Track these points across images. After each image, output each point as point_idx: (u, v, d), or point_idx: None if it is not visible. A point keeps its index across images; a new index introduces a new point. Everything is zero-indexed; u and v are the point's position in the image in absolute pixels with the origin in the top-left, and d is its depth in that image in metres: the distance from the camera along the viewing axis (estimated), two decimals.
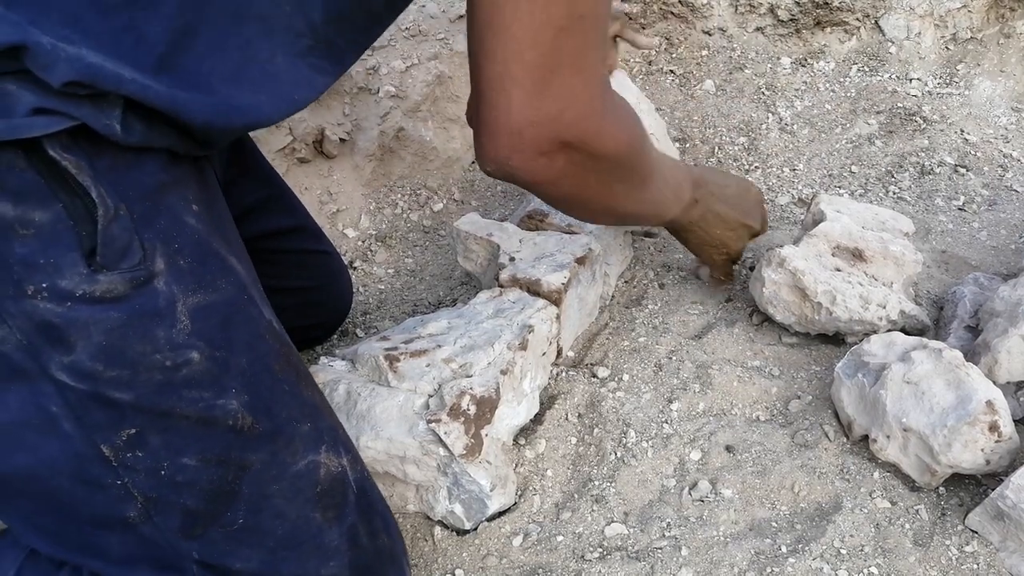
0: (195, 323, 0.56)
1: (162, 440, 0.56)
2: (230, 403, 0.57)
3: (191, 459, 0.57)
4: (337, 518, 0.64)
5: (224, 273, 0.59)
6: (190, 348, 0.55)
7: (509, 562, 0.75)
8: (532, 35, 0.55)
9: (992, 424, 0.72)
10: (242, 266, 0.62)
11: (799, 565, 0.71)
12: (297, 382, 0.63)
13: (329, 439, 0.65)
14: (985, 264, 1.10)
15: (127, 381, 0.53)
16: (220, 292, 0.58)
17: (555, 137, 0.60)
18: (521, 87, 0.57)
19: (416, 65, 1.34)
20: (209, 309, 0.57)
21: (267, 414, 0.60)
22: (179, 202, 0.56)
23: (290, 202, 0.95)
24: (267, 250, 0.91)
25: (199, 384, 0.56)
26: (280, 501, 0.61)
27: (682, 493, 0.80)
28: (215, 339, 0.57)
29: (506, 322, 0.85)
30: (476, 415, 0.75)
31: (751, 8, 1.55)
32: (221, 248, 0.59)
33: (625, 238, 1.09)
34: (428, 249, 1.25)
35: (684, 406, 0.88)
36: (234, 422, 0.58)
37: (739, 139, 1.40)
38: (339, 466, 0.65)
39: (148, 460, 0.55)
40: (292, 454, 0.61)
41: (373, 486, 0.70)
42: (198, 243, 0.57)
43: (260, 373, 0.60)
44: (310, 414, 0.64)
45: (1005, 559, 0.71)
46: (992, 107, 1.47)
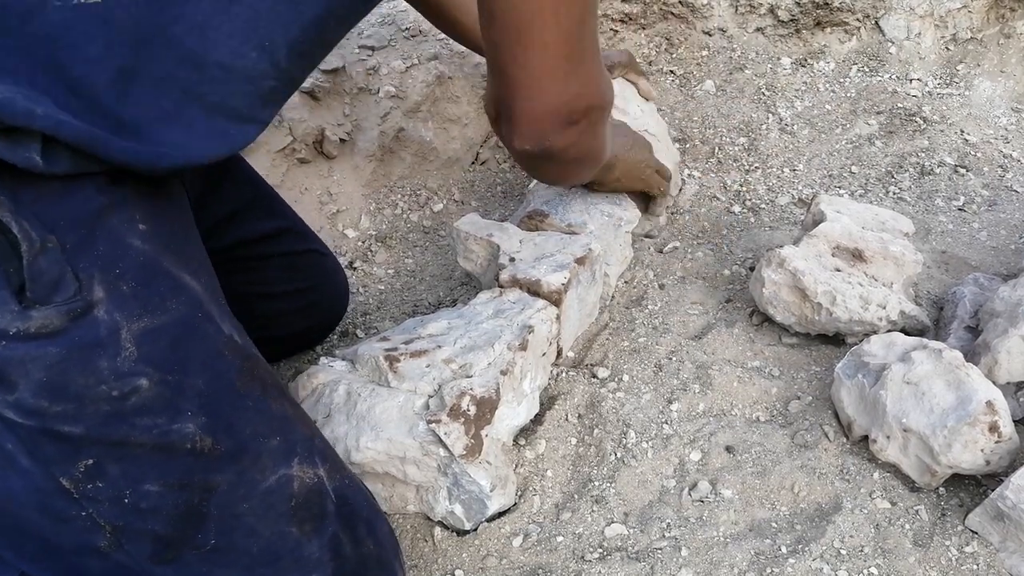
0: (142, 348, 0.54)
1: (120, 469, 0.55)
2: (186, 427, 0.56)
3: (153, 485, 0.56)
4: (316, 530, 0.63)
5: (174, 292, 0.57)
6: (137, 375, 0.54)
7: (509, 563, 0.75)
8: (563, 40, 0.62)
9: (992, 424, 0.72)
10: (199, 282, 0.61)
11: (799, 566, 0.71)
12: (263, 396, 0.62)
13: (302, 451, 0.64)
14: (985, 264, 1.10)
15: (74, 415, 0.52)
16: (170, 313, 0.57)
17: (583, 107, 0.68)
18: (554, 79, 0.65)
19: (416, 65, 1.34)
20: (158, 332, 0.56)
21: (229, 433, 0.59)
22: (122, 224, 0.55)
23: (275, 205, 0.94)
24: (255, 256, 0.91)
25: (151, 411, 0.55)
26: (252, 519, 0.60)
27: (682, 494, 0.80)
28: (166, 362, 0.56)
29: (506, 322, 0.85)
30: (476, 415, 0.75)
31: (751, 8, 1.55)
32: (173, 266, 0.58)
33: (625, 238, 1.09)
34: (428, 250, 1.25)
35: (684, 406, 0.88)
36: (192, 445, 0.57)
37: (739, 139, 1.40)
38: (314, 477, 0.64)
39: (109, 490, 0.55)
40: (261, 471, 0.60)
41: (358, 492, 0.69)
42: (143, 265, 0.56)
43: (219, 392, 0.59)
44: (279, 428, 0.63)
45: (1005, 559, 0.71)
46: (992, 107, 1.47)
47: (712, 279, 1.10)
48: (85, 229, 0.53)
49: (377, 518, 0.70)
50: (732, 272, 1.10)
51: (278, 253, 0.93)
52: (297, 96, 1.20)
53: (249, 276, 0.91)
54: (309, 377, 0.83)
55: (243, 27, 0.55)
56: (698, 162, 1.36)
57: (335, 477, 0.66)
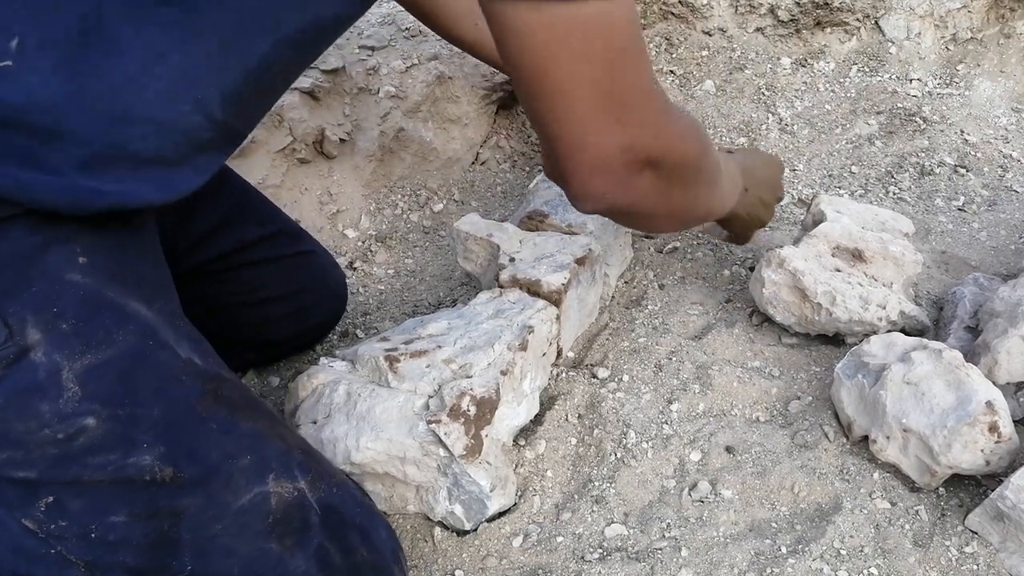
0: (87, 387, 0.53)
1: (82, 505, 0.54)
2: (143, 459, 0.55)
3: (119, 517, 0.55)
4: (299, 544, 0.62)
5: (121, 323, 0.56)
6: (83, 415, 0.53)
7: (509, 563, 0.75)
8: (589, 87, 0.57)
9: (992, 425, 0.72)
10: (151, 308, 0.59)
11: (799, 566, 0.71)
12: (230, 416, 0.61)
13: (279, 466, 0.63)
14: (985, 264, 1.10)
15: (22, 461, 0.52)
16: (116, 346, 0.55)
17: (638, 159, 0.62)
18: (596, 132, 0.59)
19: (416, 65, 1.34)
20: (104, 367, 0.54)
21: (192, 459, 0.58)
22: (59, 260, 0.54)
23: (260, 209, 0.93)
24: (245, 263, 0.90)
25: (102, 448, 0.54)
26: (228, 540, 0.59)
27: (682, 494, 0.80)
28: (115, 397, 0.55)
29: (506, 323, 0.85)
30: (476, 416, 0.75)
31: (751, 8, 1.55)
32: (119, 296, 0.57)
33: (625, 239, 1.09)
34: (428, 250, 1.25)
35: (684, 407, 0.88)
36: (152, 477, 0.56)
37: (739, 139, 1.40)
38: (294, 491, 0.63)
39: (74, 526, 0.54)
40: (233, 491, 0.59)
41: (348, 500, 0.67)
42: (84, 300, 0.55)
43: (178, 419, 0.58)
44: (250, 446, 0.61)
45: (1005, 560, 0.71)
46: (992, 107, 1.47)
47: (712, 279, 1.10)
48: (14, 272, 0.52)
49: (372, 523, 0.69)
50: (732, 272, 1.10)
51: (268, 258, 0.92)
52: (297, 96, 1.20)
53: (241, 284, 0.90)
54: (309, 377, 0.83)
55: (172, 83, 0.54)
56: None
57: (319, 487, 0.65)
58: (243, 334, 0.95)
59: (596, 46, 0.56)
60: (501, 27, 0.56)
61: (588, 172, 0.62)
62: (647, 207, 0.68)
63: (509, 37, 0.56)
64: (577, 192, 0.64)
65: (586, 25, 0.55)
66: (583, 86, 0.57)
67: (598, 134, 0.60)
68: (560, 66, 0.56)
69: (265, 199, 0.96)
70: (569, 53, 0.56)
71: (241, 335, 0.95)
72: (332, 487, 0.67)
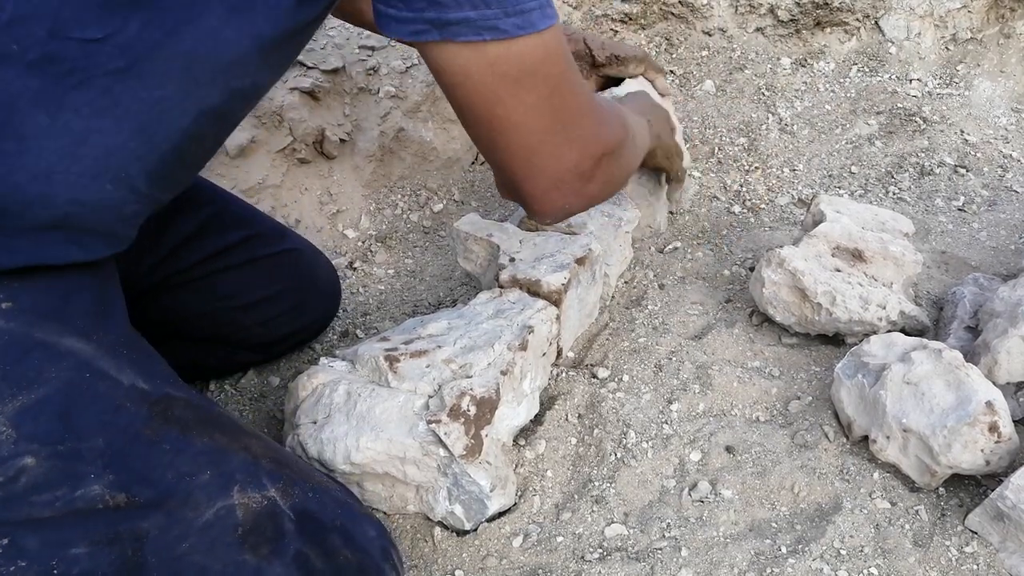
0: (22, 428, 0.53)
1: (38, 542, 0.53)
2: (91, 489, 0.55)
3: (79, 548, 0.54)
4: (275, 552, 0.61)
5: (52, 360, 0.56)
6: (20, 456, 0.53)
7: (509, 563, 0.75)
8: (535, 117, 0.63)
9: (992, 425, 0.72)
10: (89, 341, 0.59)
11: (799, 566, 0.71)
12: (183, 435, 0.61)
13: (244, 477, 0.62)
14: (985, 265, 1.10)
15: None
16: (49, 384, 0.55)
17: (587, 168, 0.69)
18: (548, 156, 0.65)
19: (416, 65, 1.34)
20: (38, 407, 0.54)
21: (145, 482, 0.57)
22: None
23: (237, 213, 0.93)
24: (229, 266, 0.89)
25: (47, 486, 0.54)
26: (198, 556, 0.58)
27: (682, 494, 0.80)
28: (53, 433, 0.54)
29: (506, 323, 0.85)
30: (476, 416, 0.75)
31: (751, 8, 1.55)
32: (50, 335, 0.57)
33: (625, 239, 1.09)
34: (428, 250, 1.25)
35: (684, 407, 0.88)
36: (104, 505, 0.55)
37: (739, 139, 1.40)
38: (263, 499, 0.62)
39: (34, 565, 0.53)
40: (194, 508, 0.59)
41: (327, 503, 0.67)
42: (10, 344, 0.54)
43: (125, 446, 0.57)
44: (209, 461, 0.61)
45: (1005, 560, 0.71)
46: (992, 107, 1.47)
47: (712, 279, 1.10)
48: None
49: (356, 524, 0.68)
50: (732, 272, 1.10)
51: (251, 259, 0.92)
52: (297, 96, 1.20)
53: (221, 290, 0.90)
54: (309, 377, 0.83)
55: (93, 165, 0.55)
56: (698, 162, 1.36)
57: (292, 493, 0.65)
58: (238, 336, 0.95)
59: (537, 78, 0.61)
60: (444, 72, 0.61)
61: (546, 193, 0.68)
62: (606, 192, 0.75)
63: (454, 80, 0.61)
64: (539, 211, 0.70)
65: (523, 59, 0.60)
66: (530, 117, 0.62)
67: (550, 158, 0.65)
68: (506, 102, 0.61)
69: (243, 204, 0.96)
70: (513, 88, 0.60)
71: (237, 337, 0.95)
72: (307, 492, 0.66)
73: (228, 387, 0.99)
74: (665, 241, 1.18)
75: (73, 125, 0.53)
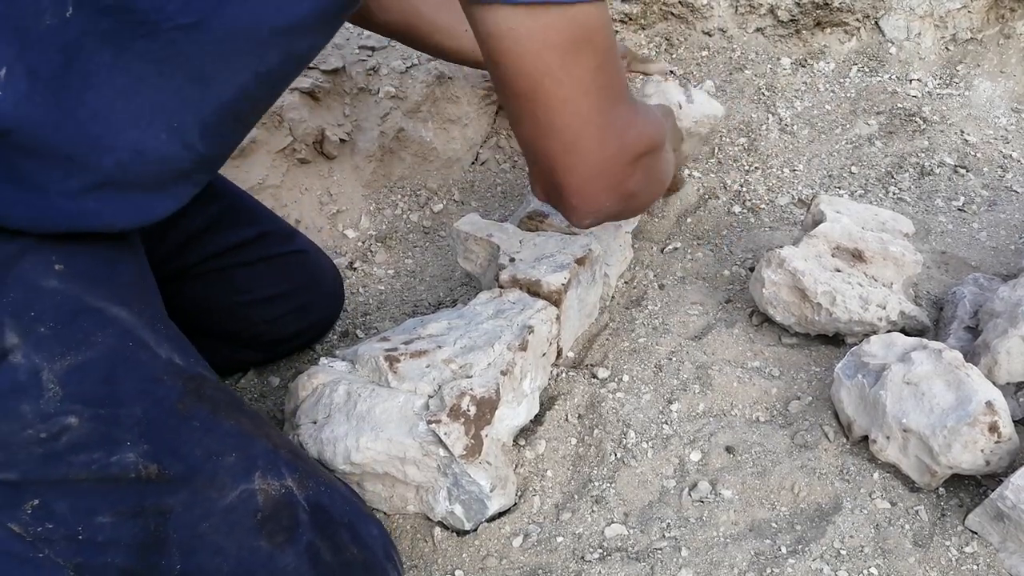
0: (68, 387, 0.54)
1: (68, 505, 0.54)
2: (126, 457, 0.56)
3: (105, 517, 0.55)
4: (289, 541, 0.62)
5: (100, 326, 0.57)
6: (65, 414, 0.54)
7: (509, 563, 0.75)
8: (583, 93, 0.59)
9: (992, 425, 0.72)
10: (131, 311, 0.60)
11: (799, 566, 0.71)
12: (213, 415, 0.62)
13: (265, 463, 0.63)
14: (985, 265, 1.10)
15: (6, 462, 0.52)
16: (96, 347, 0.56)
17: (627, 161, 0.65)
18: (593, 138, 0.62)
19: (416, 65, 1.34)
20: (84, 368, 0.55)
21: (175, 456, 0.58)
22: (35, 267, 0.55)
23: (249, 211, 0.94)
24: (237, 263, 0.90)
25: (86, 446, 0.55)
26: (217, 537, 0.59)
27: (682, 494, 0.80)
28: (96, 397, 0.55)
29: (506, 323, 0.85)
30: (476, 416, 0.75)
31: (751, 9, 1.55)
32: (98, 300, 0.58)
33: (625, 239, 1.09)
34: (428, 250, 1.25)
35: (684, 407, 0.88)
36: (136, 474, 0.56)
37: (739, 139, 1.40)
38: (282, 488, 0.63)
39: (61, 528, 0.54)
40: (218, 489, 0.60)
41: (337, 498, 0.68)
42: (61, 304, 0.56)
43: (160, 417, 0.58)
44: (236, 444, 0.62)
45: (1005, 560, 0.71)
46: (992, 108, 1.47)
47: (712, 279, 1.10)
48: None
49: (362, 522, 0.69)
50: (732, 272, 1.10)
51: (261, 258, 0.92)
52: (297, 96, 1.20)
53: (235, 284, 0.91)
54: (309, 377, 0.83)
55: (149, 112, 0.56)
56: (698, 162, 1.36)
57: (307, 485, 0.66)
58: (242, 334, 0.95)
59: (589, 49, 0.58)
60: (491, 36, 0.57)
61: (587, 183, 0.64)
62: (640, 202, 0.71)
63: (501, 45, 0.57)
64: (577, 205, 0.66)
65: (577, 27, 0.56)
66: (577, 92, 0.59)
67: (594, 142, 0.61)
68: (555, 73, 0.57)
69: (256, 202, 0.97)
70: (563, 59, 0.57)
71: (240, 335, 0.95)
72: (320, 486, 0.67)
73: (229, 386, 0.99)
74: (665, 241, 1.18)
75: (134, 69, 0.54)
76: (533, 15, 0.55)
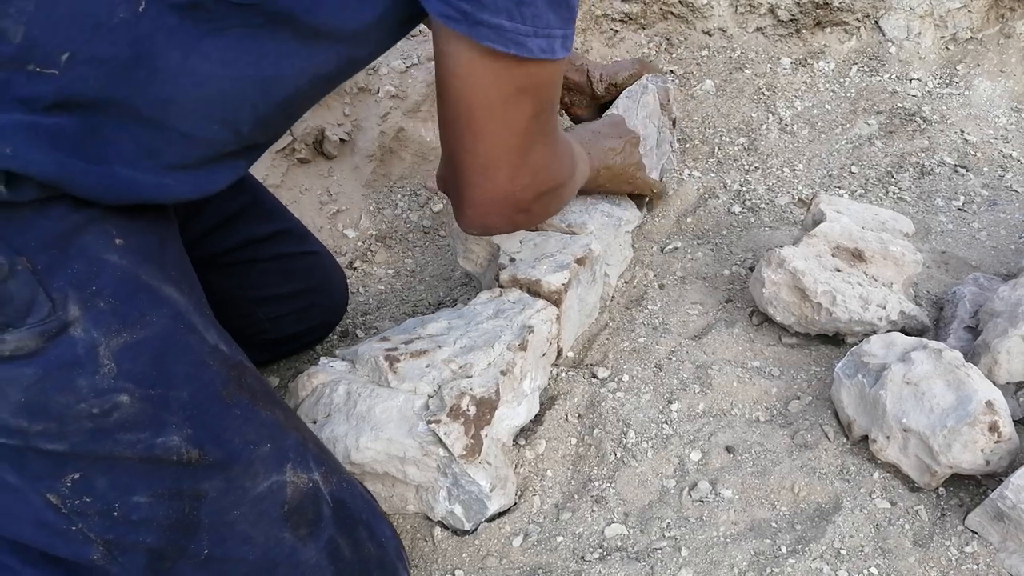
0: (122, 365, 0.55)
1: (108, 481, 0.55)
2: (171, 439, 0.56)
3: (142, 496, 0.56)
4: (312, 535, 0.63)
5: (155, 305, 0.58)
6: (118, 392, 0.54)
7: (509, 562, 0.75)
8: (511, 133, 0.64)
9: (992, 424, 0.72)
10: (181, 293, 0.61)
11: (799, 565, 0.71)
12: (252, 404, 0.62)
13: (295, 456, 0.64)
14: (985, 264, 1.10)
15: (56, 433, 0.53)
16: (150, 327, 0.57)
17: (530, 197, 0.70)
18: (502, 171, 0.66)
19: (416, 65, 1.34)
20: (138, 347, 0.56)
21: (217, 443, 0.59)
22: (97, 240, 0.56)
23: (270, 207, 0.95)
24: (252, 259, 0.91)
25: (134, 426, 0.55)
26: (245, 526, 0.60)
27: (682, 493, 0.80)
28: (148, 377, 0.56)
29: (506, 323, 0.85)
30: (476, 416, 0.75)
31: (751, 8, 1.55)
32: (153, 279, 0.58)
33: (625, 239, 1.09)
34: (428, 249, 1.25)
35: (684, 406, 0.88)
36: (179, 457, 0.57)
37: (739, 139, 1.40)
38: (309, 482, 0.64)
39: (98, 503, 0.55)
40: (252, 477, 0.60)
41: (356, 496, 0.69)
42: (121, 280, 0.56)
43: (205, 403, 0.59)
44: (270, 435, 0.63)
45: (1005, 559, 0.71)
46: (992, 107, 1.47)
47: (712, 279, 1.10)
48: (57, 249, 0.53)
49: (377, 520, 0.70)
50: (732, 272, 1.10)
51: (275, 256, 0.93)
52: None
53: (247, 280, 0.92)
54: (309, 377, 0.83)
55: (207, 105, 0.57)
56: (698, 162, 1.36)
57: (332, 481, 0.66)
58: (247, 331, 0.95)
59: (529, 98, 0.62)
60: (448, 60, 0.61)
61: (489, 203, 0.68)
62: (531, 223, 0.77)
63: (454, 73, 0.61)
64: (466, 218, 0.71)
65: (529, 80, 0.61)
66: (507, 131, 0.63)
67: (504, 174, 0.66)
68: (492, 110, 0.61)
69: (275, 200, 0.97)
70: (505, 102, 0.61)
71: (245, 332, 0.95)
72: (343, 482, 0.68)
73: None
74: (665, 241, 1.18)
75: (200, 68, 0.55)
76: (493, 57, 0.58)
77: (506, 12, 0.56)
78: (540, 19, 0.57)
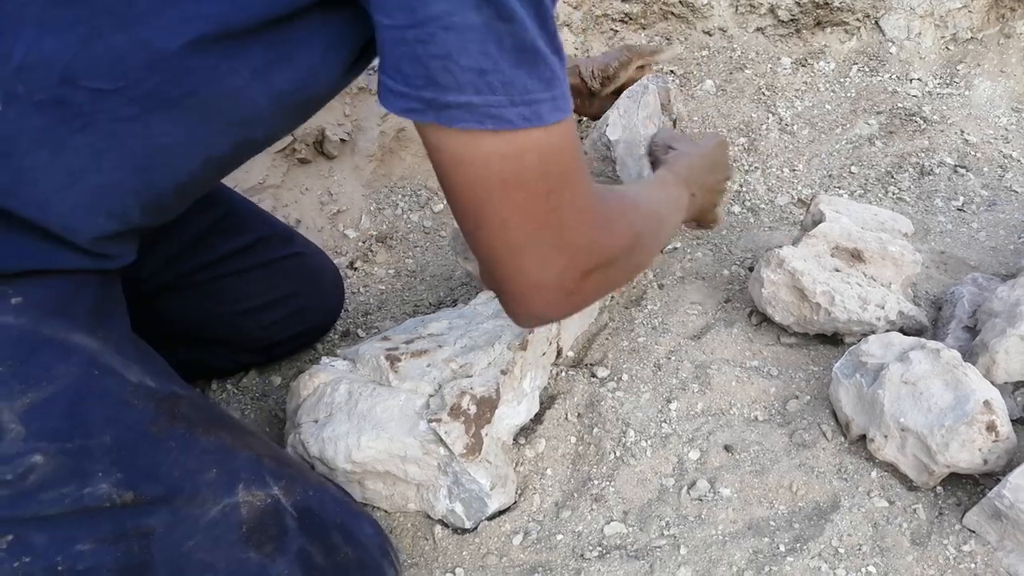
0: (31, 425, 0.53)
1: (44, 538, 0.54)
2: (99, 487, 0.55)
3: (85, 544, 0.55)
4: (279, 549, 0.62)
5: (61, 357, 0.56)
6: (30, 453, 0.53)
7: (509, 561, 0.76)
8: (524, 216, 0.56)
9: (990, 424, 0.72)
10: (95, 337, 0.59)
11: (797, 564, 0.72)
12: (189, 433, 0.61)
13: (248, 475, 0.63)
14: (984, 264, 1.10)
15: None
16: (58, 380, 0.56)
17: (576, 276, 0.61)
18: (534, 258, 0.58)
19: None
20: (47, 404, 0.54)
21: (152, 479, 0.58)
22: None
23: (246, 216, 0.93)
24: (235, 271, 0.89)
25: (55, 482, 0.54)
26: (202, 554, 0.59)
27: (681, 492, 0.80)
28: (62, 431, 0.55)
29: (506, 322, 0.86)
30: (476, 415, 0.76)
31: (751, 8, 1.56)
32: (58, 331, 0.57)
33: None
34: (429, 250, 1.25)
35: (683, 406, 0.89)
36: (111, 503, 0.56)
37: (739, 139, 1.41)
38: (267, 498, 0.63)
39: (40, 561, 0.53)
40: (200, 505, 0.59)
41: (325, 500, 0.67)
42: (19, 340, 0.55)
43: (132, 443, 0.58)
44: (215, 460, 0.62)
45: (1002, 558, 0.71)
46: (992, 107, 1.47)
47: (711, 279, 1.10)
48: None
49: (355, 522, 0.68)
50: (731, 272, 1.11)
51: (256, 264, 0.92)
52: None
53: (227, 295, 0.90)
54: (310, 377, 0.83)
55: (89, 202, 0.55)
56: None
57: (295, 491, 0.65)
58: (242, 339, 0.95)
59: (530, 175, 0.55)
60: (439, 156, 0.55)
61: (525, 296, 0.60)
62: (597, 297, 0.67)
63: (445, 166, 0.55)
64: (516, 313, 0.63)
65: (524, 156, 0.54)
66: (519, 215, 0.56)
67: (535, 261, 0.58)
68: (495, 198, 0.55)
69: (252, 207, 0.96)
70: (504, 183, 0.54)
71: (240, 340, 0.95)
72: (308, 490, 0.67)
73: (230, 386, 1.00)
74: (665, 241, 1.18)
75: (73, 165, 0.54)
76: (476, 141, 0.52)
77: (471, 87, 0.50)
78: (512, 85, 0.51)
